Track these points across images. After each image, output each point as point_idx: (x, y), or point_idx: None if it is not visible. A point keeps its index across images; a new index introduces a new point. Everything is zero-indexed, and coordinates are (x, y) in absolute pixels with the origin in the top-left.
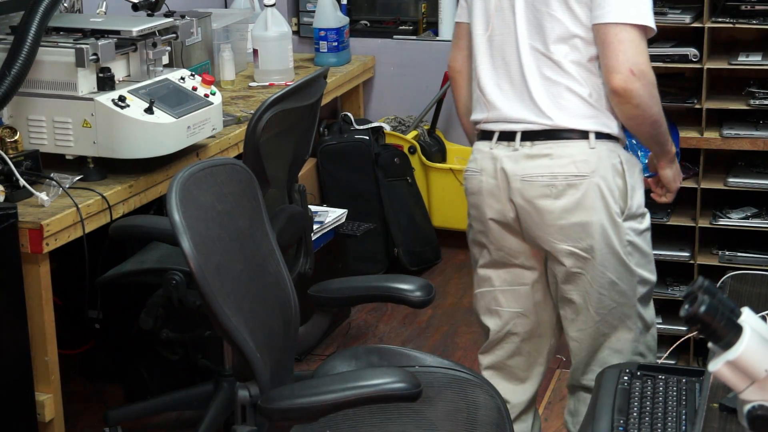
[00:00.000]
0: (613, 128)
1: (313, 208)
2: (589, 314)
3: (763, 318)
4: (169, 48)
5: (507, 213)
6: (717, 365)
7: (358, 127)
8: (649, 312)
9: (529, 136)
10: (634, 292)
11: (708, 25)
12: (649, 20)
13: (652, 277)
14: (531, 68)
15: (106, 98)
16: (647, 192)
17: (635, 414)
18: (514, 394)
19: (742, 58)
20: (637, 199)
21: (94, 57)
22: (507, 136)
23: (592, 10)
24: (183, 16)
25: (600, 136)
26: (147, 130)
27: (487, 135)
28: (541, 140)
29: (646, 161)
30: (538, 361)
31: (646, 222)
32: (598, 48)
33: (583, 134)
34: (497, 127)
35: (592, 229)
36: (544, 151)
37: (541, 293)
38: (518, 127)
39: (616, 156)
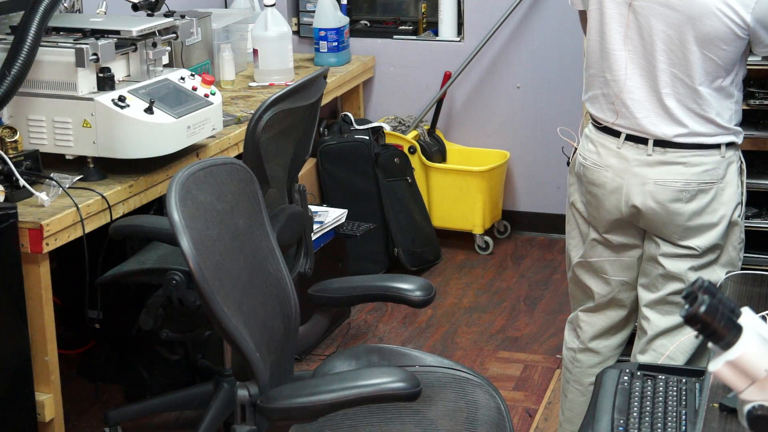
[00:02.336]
0: (740, 140)
1: (313, 208)
2: (679, 289)
3: (763, 318)
4: (169, 48)
5: (624, 210)
6: (717, 365)
7: (358, 127)
8: None
9: (661, 143)
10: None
11: None
12: None
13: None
14: (667, 86)
15: (106, 98)
16: None
17: (635, 414)
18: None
19: None
20: (745, 197)
21: (94, 57)
22: (636, 139)
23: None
24: (183, 16)
25: (729, 144)
26: (147, 130)
27: (612, 132)
28: (673, 148)
29: None
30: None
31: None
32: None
33: (715, 145)
34: (625, 130)
35: (716, 229)
36: (677, 159)
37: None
38: (647, 135)
39: (738, 159)
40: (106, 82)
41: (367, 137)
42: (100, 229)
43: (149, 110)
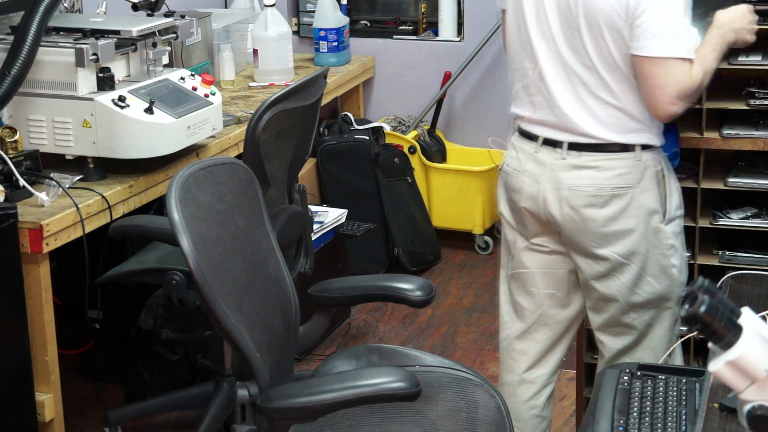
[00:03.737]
0: (656, 140)
1: (313, 208)
2: (617, 309)
3: (763, 318)
4: (169, 48)
5: (542, 217)
6: (717, 365)
7: (358, 127)
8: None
9: (576, 146)
10: (672, 295)
11: None
12: (687, 51)
13: (684, 277)
14: (579, 84)
15: (106, 98)
16: None
17: (635, 414)
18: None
19: (742, 58)
20: (675, 202)
21: (94, 57)
22: (552, 143)
23: (632, 41)
24: (183, 16)
25: (644, 147)
26: (147, 130)
27: (530, 136)
28: (588, 151)
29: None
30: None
31: (682, 222)
32: (637, 78)
33: (629, 147)
34: (542, 132)
35: (634, 235)
36: (590, 163)
37: (573, 280)
38: (565, 137)
39: (657, 163)
40: (106, 82)
41: (367, 137)
42: (100, 229)
43: (149, 110)
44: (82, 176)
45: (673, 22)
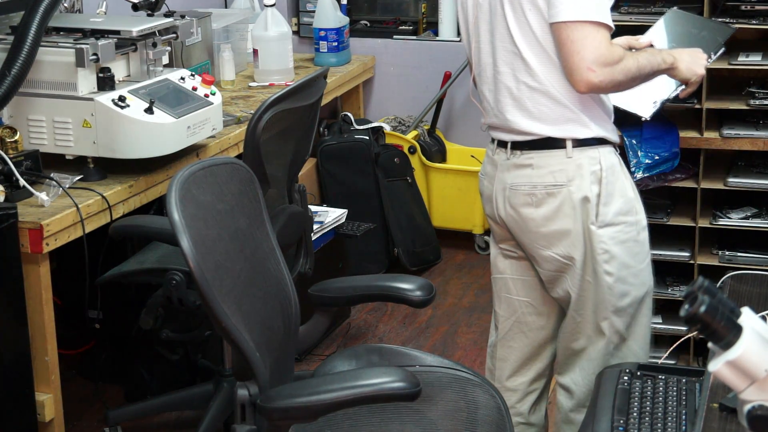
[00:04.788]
0: (592, 131)
1: (313, 208)
2: (569, 315)
3: (763, 318)
4: (169, 48)
5: (497, 219)
6: (717, 365)
7: (358, 127)
8: (632, 325)
9: (518, 145)
10: (606, 304)
11: None
12: (602, 16)
13: (636, 290)
14: (506, 74)
15: (106, 98)
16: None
17: (635, 414)
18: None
19: (742, 58)
20: (615, 207)
21: (94, 57)
22: (502, 143)
23: (548, 9)
24: (183, 16)
25: (578, 143)
26: (147, 130)
27: (491, 139)
28: (526, 150)
29: (647, 161)
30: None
31: (632, 231)
32: (557, 50)
33: (560, 142)
34: (495, 135)
35: (571, 236)
36: (526, 161)
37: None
38: (507, 137)
39: (595, 163)
40: (106, 82)
41: (367, 137)
42: (100, 229)
43: (149, 110)
44: (82, 176)
45: None
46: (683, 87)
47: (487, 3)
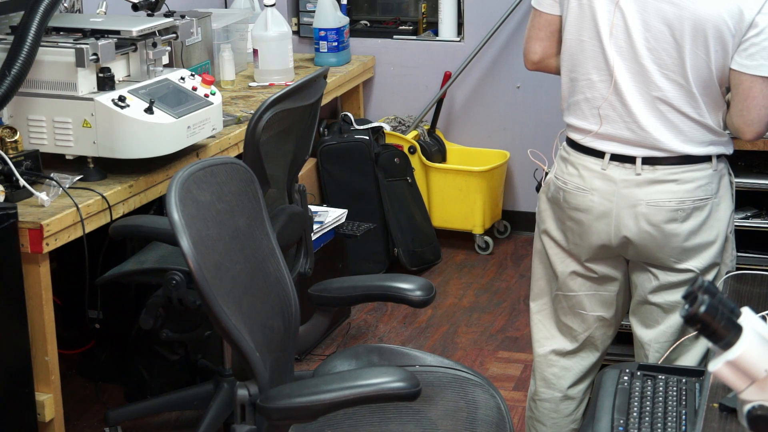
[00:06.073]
0: (731, 149)
1: (313, 208)
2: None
3: (763, 318)
4: (169, 48)
5: (613, 237)
6: (717, 365)
7: (358, 127)
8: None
9: (649, 160)
10: None
11: None
12: None
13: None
14: (664, 100)
15: (106, 98)
16: None
17: (635, 414)
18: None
19: None
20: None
21: (94, 57)
22: (621, 158)
23: (737, 54)
24: (183, 16)
25: (719, 156)
26: (147, 130)
27: (594, 152)
28: (665, 165)
29: None
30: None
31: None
32: (732, 92)
33: (706, 158)
34: (610, 148)
35: (714, 247)
36: (669, 177)
37: (621, 301)
38: (638, 152)
39: (728, 171)
40: (106, 82)
41: (367, 137)
42: (100, 229)
43: (149, 110)
44: (82, 176)
45: None
46: None
47: (640, 21)
